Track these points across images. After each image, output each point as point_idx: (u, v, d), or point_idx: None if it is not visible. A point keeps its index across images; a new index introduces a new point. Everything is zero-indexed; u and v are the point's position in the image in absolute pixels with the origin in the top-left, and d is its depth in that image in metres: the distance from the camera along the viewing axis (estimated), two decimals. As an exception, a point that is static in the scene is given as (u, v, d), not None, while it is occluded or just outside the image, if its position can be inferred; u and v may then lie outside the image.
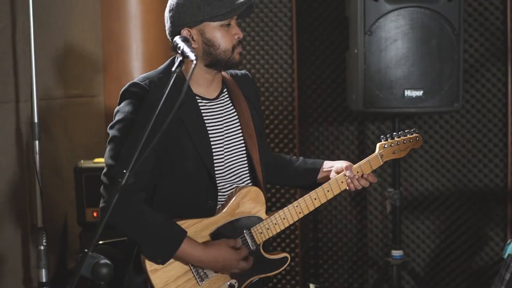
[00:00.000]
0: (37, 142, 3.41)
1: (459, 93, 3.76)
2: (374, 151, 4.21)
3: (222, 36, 2.42)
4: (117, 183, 2.08)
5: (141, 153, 2.08)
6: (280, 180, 2.78)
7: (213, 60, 2.43)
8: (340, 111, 4.45)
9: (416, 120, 4.37)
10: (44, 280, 3.44)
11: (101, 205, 2.40)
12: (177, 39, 2.34)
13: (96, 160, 4.02)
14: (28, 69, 3.70)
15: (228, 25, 2.43)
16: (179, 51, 2.27)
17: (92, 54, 4.45)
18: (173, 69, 2.20)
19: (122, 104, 2.45)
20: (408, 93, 3.72)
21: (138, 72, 4.52)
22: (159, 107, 2.10)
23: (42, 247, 3.43)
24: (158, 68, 2.54)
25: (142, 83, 2.43)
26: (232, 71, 2.65)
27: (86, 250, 2.20)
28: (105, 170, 2.40)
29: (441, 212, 4.38)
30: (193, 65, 2.14)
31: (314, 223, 4.49)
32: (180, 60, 2.23)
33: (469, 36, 4.27)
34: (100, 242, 3.65)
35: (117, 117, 2.43)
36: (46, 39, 3.89)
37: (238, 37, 2.44)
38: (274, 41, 4.44)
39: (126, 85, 2.45)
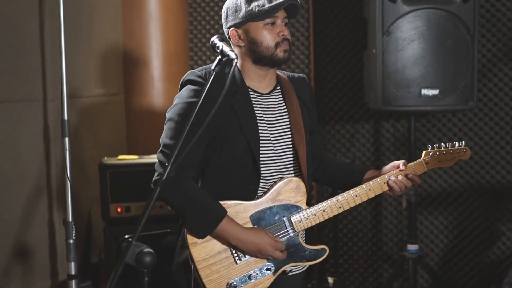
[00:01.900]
0: (66, 139, 3.50)
1: (474, 92, 3.88)
2: (388, 148, 4.35)
3: (265, 34, 2.58)
4: (170, 157, 2.30)
5: (193, 135, 2.28)
6: (329, 181, 2.89)
7: (257, 57, 2.58)
8: (356, 110, 4.56)
9: (430, 119, 4.48)
10: (73, 273, 3.54)
11: (154, 178, 2.56)
12: (215, 39, 2.49)
13: (120, 157, 4.13)
14: (55, 69, 3.84)
15: (273, 23, 2.57)
16: (218, 50, 2.42)
17: (114, 54, 4.57)
18: (213, 67, 2.39)
19: (180, 92, 2.62)
20: (424, 91, 3.83)
21: (157, 72, 4.64)
22: (204, 93, 2.33)
23: (71, 241, 3.53)
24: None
25: (198, 72, 2.61)
26: (290, 73, 2.81)
27: (130, 239, 2.33)
28: (160, 148, 2.58)
29: (454, 208, 4.49)
30: (234, 63, 2.31)
31: (330, 219, 4.59)
32: (219, 59, 2.41)
33: (481, 37, 4.38)
34: (126, 236, 3.78)
35: (174, 102, 2.62)
36: (71, 40, 4.01)
37: (283, 35, 2.59)
38: (291, 41, 4.54)
39: (185, 74, 2.65)
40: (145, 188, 3.97)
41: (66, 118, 3.53)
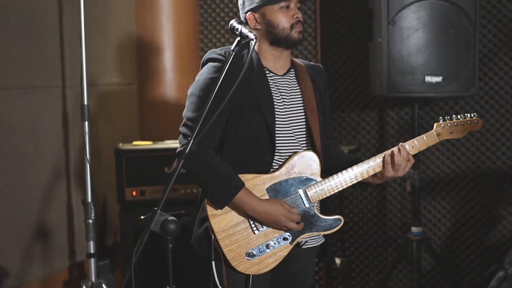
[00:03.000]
0: (86, 123, 3.66)
1: (475, 80, 4.04)
2: (393, 136, 4.50)
3: (281, 17, 2.73)
4: (193, 130, 2.51)
5: (213, 110, 2.48)
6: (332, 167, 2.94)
7: (274, 38, 2.74)
8: (361, 98, 4.72)
9: (433, 107, 4.63)
10: (92, 252, 3.69)
11: (178, 149, 2.72)
12: (233, 22, 2.67)
13: (135, 142, 4.29)
14: (73, 57, 4.00)
15: (287, 7, 2.74)
16: (237, 32, 2.60)
17: (128, 45, 4.73)
18: (232, 48, 2.58)
19: (202, 69, 2.78)
20: (428, 78, 3.99)
21: (169, 62, 4.80)
22: (224, 71, 2.53)
23: (90, 221, 3.68)
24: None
25: (219, 51, 2.77)
26: (307, 61, 2.97)
27: (155, 208, 2.49)
28: (183, 122, 2.75)
29: (457, 193, 4.64)
30: (252, 43, 2.49)
31: (337, 203, 4.75)
32: (238, 40, 2.60)
33: (483, 27, 4.54)
34: (142, 217, 3.94)
35: (196, 78, 2.79)
36: (88, 31, 4.16)
37: (297, 17, 2.75)
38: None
39: (206, 53, 2.80)
40: (159, 173, 4.16)
41: (86, 102, 3.69)
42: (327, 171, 2.91)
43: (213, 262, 2.76)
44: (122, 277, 2.44)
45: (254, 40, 2.54)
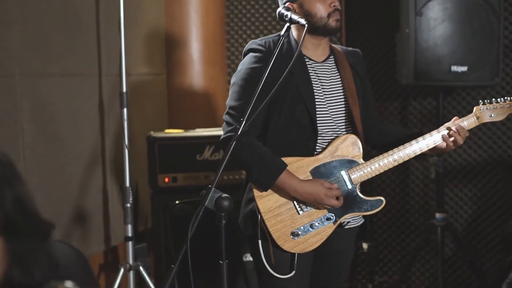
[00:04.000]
0: (125, 110, 3.78)
1: (499, 69, 4.16)
2: (415, 125, 4.62)
3: (318, 6, 2.85)
4: (235, 118, 2.69)
5: (256, 98, 2.58)
6: (386, 144, 3.07)
7: (312, 27, 2.83)
8: (385, 89, 4.84)
9: (455, 97, 4.75)
10: (129, 235, 3.81)
11: (222, 136, 2.85)
12: (282, 9, 2.78)
13: (167, 130, 4.41)
14: (109, 47, 4.12)
15: None
16: (287, 19, 2.72)
17: (157, 37, 4.84)
18: (281, 33, 2.71)
19: (243, 59, 2.89)
20: (454, 68, 4.12)
21: (196, 54, 4.92)
22: (274, 56, 2.65)
23: (128, 205, 3.81)
24: (276, 34, 2.96)
25: (259, 41, 2.88)
26: (345, 47, 3.08)
27: (210, 186, 2.60)
28: (226, 110, 2.86)
29: (478, 180, 4.76)
30: (305, 28, 2.61)
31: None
32: (288, 26, 2.71)
33: (504, 20, 4.65)
34: (177, 201, 4.06)
35: (238, 68, 2.90)
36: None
37: (334, 6, 2.86)
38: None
39: (248, 44, 2.92)
40: (191, 160, 4.28)
41: (124, 90, 3.81)
42: (380, 148, 3.05)
43: (260, 241, 2.88)
44: (176, 254, 2.55)
45: (306, 25, 2.66)
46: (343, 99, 2.96)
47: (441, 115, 4.34)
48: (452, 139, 2.93)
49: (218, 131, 4.36)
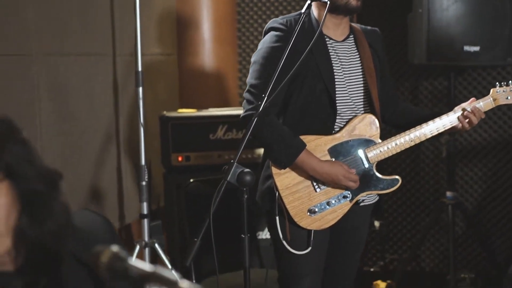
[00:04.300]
0: (140, 88, 3.81)
1: (511, 49, 4.19)
2: (426, 105, 4.65)
3: None
4: (256, 96, 2.73)
5: (278, 77, 2.61)
6: (403, 123, 3.12)
7: (333, 6, 2.84)
8: (397, 69, 4.86)
9: (466, 77, 4.77)
10: (145, 212, 3.85)
11: (242, 114, 2.88)
12: None
13: (180, 110, 4.44)
14: (122, 28, 4.15)
15: None
16: (309, -4, 2.75)
17: (168, 17, 4.86)
18: (303, 11, 2.74)
19: (264, 38, 2.91)
20: (466, 48, 4.14)
21: (207, 34, 4.94)
22: (294, 35, 2.69)
23: (144, 183, 3.84)
24: (296, 12, 2.98)
25: (280, 20, 2.90)
26: (363, 26, 3.10)
27: (232, 161, 2.63)
28: (247, 88, 2.90)
29: (488, 160, 4.79)
30: (327, 7, 2.63)
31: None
32: (309, 3, 2.74)
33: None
34: (191, 180, 4.10)
35: (259, 47, 2.93)
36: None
37: None
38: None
39: (268, 23, 2.94)
40: (204, 139, 4.31)
41: (140, 69, 3.83)
42: (397, 127, 3.08)
43: (277, 217, 2.92)
44: (199, 228, 2.59)
45: (328, 2, 2.68)
46: (362, 79, 2.99)
47: (452, 95, 4.37)
48: (467, 120, 2.97)
49: (231, 111, 4.44)
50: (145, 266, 1.32)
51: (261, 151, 4.25)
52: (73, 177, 3.81)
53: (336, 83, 2.91)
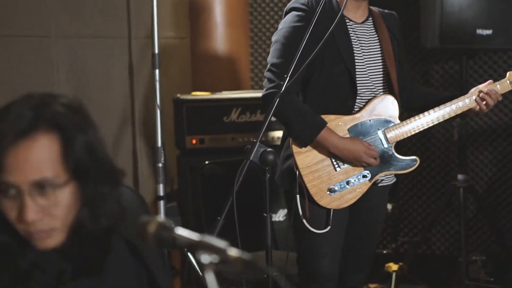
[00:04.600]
0: (157, 70, 3.84)
1: (524, 33, 4.23)
2: (437, 88, 4.69)
3: None
4: (277, 75, 2.77)
5: (299, 57, 2.65)
6: (420, 106, 3.16)
7: None
8: (408, 52, 4.86)
9: (476, 61, 4.80)
10: (161, 194, 3.89)
11: (263, 93, 2.92)
12: None
13: (193, 93, 4.47)
14: (137, 11, 4.19)
15: None
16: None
17: (182, 1, 4.89)
18: None
19: (285, 17, 2.95)
20: (479, 31, 4.17)
21: (220, 17, 4.96)
22: (316, 15, 2.72)
23: (160, 164, 3.87)
24: None
25: (302, 0, 2.94)
26: (382, 10, 3.15)
27: (254, 140, 2.68)
28: (268, 67, 2.94)
29: (499, 143, 4.82)
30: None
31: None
32: None
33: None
34: (207, 162, 4.13)
35: (280, 26, 2.96)
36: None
37: None
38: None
39: (290, 2, 2.97)
40: (218, 122, 4.34)
41: (156, 51, 3.87)
42: (414, 109, 3.13)
43: (298, 196, 2.97)
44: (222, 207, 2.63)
45: None
46: (381, 60, 3.03)
47: (464, 79, 4.40)
48: (484, 102, 3.02)
49: (245, 94, 4.48)
50: (192, 235, 1.37)
51: (275, 134, 4.29)
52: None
53: (356, 64, 2.96)
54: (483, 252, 4.72)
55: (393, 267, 4.43)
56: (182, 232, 1.38)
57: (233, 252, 1.28)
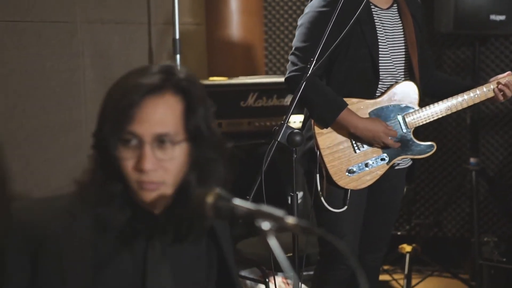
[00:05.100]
0: (178, 56, 3.93)
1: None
2: (450, 74, 4.76)
3: None
4: (300, 58, 2.87)
5: (325, 41, 2.72)
6: (438, 94, 3.25)
7: None
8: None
9: (488, 46, 4.88)
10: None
11: (287, 75, 3.02)
12: None
13: (211, 78, 4.55)
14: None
15: None
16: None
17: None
18: None
19: (311, 2, 3.03)
20: (492, 17, 4.25)
21: (235, 5, 5.04)
22: (339, 5, 2.79)
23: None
24: None
25: None
26: None
27: (282, 121, 2.76)
28: (292, 50, 3.03)
29: (510, 127, 4.91)
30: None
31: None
32: None
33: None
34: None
35: (306, 10, 3.05)
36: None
37: None
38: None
39: None
40: (235, 106, 4.42)
41: (177, 37, 3.95)
42: (434, 96, 3.21)
43: (317, 175, 3.06)
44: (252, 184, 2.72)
45: None
46: (403, 47, 3.11)
47: (477, 64, 4.48)
48: (502, 93, 3.11)
49: (262, 79, 4.55)
50: (249, 204, 1.46)
51: (292, 117, 4.37)
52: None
53: (379, 50, 3.04)
54: (494, 233, 4.82)
55: (407, 248, 4.53)
56: (239, 202, 1.47)
57: (290, 219, 1.37)
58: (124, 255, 1.63)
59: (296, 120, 4.11)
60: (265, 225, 1.36)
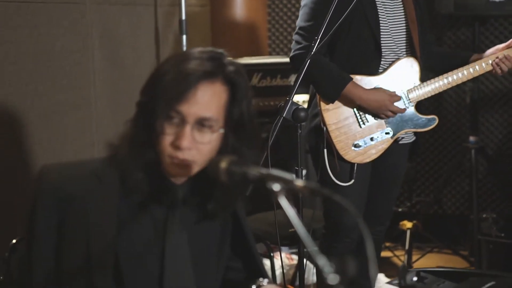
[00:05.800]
0: (184, 36, 4.02)
1: (536, -1, 4.38)
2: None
3: None
4: (304, 37, 2.97)
5: (329, 20, 2.81)
6: (437, 67, 3.34)
7: None
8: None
9: (488, 27, 4.96)
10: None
11: (291, 54, 3.12)
12: None
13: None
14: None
15: None
16: None
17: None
18: None
19: None
20: (493, -3, 4.34)
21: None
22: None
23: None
24: None
25: None
26: None
27: (288, 98, 2.85)
28: (296, 30, 3.13)
29: (510, 106, 5.00)
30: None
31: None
32: None
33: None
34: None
35: None
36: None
37: None
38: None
39: None
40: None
41: (184, 18, 4.04)
42: (436, 71, 3.30)
43: (325, 150, 3.16)
44: (259, 158, 2.80)
45: None
46: (404, 24, 3.20)
47: (477, 45, 4.57)
48: (499, 67, 3.20)
49: (266, 59, 4.64)
50: (261, 169, 1.55)
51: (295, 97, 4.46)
52: (121, 123, 4.00)
53: (381, 28, 3.13)
54: (493, 210, 4.92)
55: (408, 224, 4.64)
56: (251, 166, 1.57)
57: (299, 181, 1.47)
58: (145, 220, 1.73)
59: (300, 100, 4.20)
60: (276, 187, 1.46)
